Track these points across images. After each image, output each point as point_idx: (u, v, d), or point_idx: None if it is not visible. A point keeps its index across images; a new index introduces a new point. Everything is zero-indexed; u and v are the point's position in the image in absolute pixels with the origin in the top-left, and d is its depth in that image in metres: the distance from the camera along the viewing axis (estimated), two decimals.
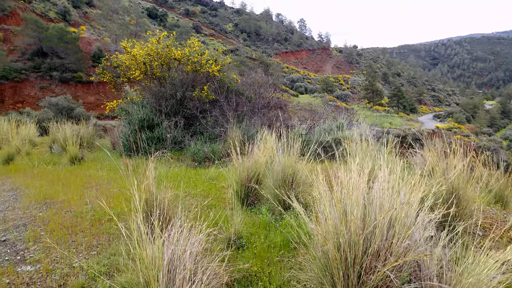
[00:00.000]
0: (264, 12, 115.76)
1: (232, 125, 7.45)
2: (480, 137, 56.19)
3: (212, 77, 8.93)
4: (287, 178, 3.88)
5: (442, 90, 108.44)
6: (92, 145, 9.86)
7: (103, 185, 5.93)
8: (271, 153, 4.59)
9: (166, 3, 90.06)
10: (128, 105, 8.62)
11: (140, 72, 8.44)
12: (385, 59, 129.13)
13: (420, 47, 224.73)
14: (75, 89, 33.68)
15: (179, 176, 5.99)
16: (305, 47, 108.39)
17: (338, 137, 6.45)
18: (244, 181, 4.28)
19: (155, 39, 8.80)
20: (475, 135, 56.24)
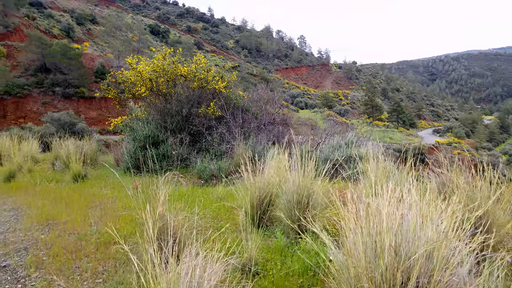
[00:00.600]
0: (265, 29, 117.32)
1: (238, 141, 7.32)
2: (480, 152, 56.13)
3: (218, 94, 8.86)
4: (302, 199, 3.71)
5: (440, 105, 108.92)
6: (96, 162, 9.70)
7: (108, 205, 5.75)
8: (283, 172, 4.42)
9: (168, 20, 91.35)
10: (132, 122, 8.51)
11: (146, 88, 8.37)
12: (384, 74, 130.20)
13: (418, 63, 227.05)
14: (77, 104, 33.77)
15: (186, 195, 5.81)
16: (305, 63, 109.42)
17: (348, 154, 6.30)
18: (256, 202, 4.11)
19: (161, 55, 8.76)
20: (475, 150, 56.17)
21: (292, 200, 3.78)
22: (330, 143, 7.39)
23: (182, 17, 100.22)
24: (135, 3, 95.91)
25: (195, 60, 9.02)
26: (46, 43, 33.59)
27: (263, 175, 4.17)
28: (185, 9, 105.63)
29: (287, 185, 3.95)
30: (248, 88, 11.89)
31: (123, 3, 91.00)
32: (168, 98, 8.58)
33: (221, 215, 4.75)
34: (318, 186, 3.80)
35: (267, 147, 8.03)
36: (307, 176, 3.84)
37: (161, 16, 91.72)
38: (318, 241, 3.69)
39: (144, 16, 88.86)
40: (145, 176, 7.86)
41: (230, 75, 9.35)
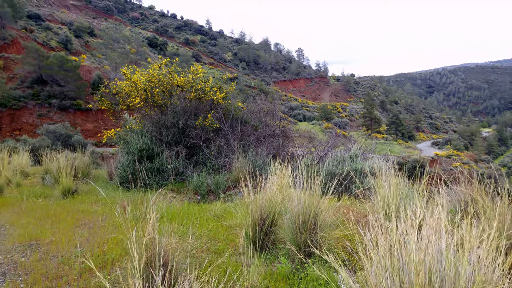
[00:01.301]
0: (263, 41, 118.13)
1: (237, 155, 6.98)
2: (480, 165, 55.90)
3: (216, 105, 8.55)
4: (309, 220, 3.35)
5: (439, 117, 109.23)
6: (88, 176, 9.33)
7: (97, 223, 5.36)
8: (287, 189, 4.08)
9: (166, 33, 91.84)
10: (126, 134, 8.17)
11: (141, 99, 8.06)
12: (382, 87, 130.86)
13: (416, 76, 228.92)
14: (73, 116, 33.48)
15: (181, 212, 5.44)
16: (303, 76, 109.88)
17: (353, 168, 5.97)
18: (257, 222, 3.74)
19: (156, 65, 8.48)
20: (474, 162, 55.94)
21: (297, 220, 3.43)
22: (333, 156, 7.06)
23: (180, 29, 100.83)
24: (134, 16, 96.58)
25: (192, 70, 8.73)
26: (43, 55, 33.45)
27: (264, 192, 3.82)
28: (183, 22, 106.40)
29: (291, 204, 3.60)
30: (246, 100, 11.59)
31: (122, 16, 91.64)
32: (164, 110, 8.26)
33: (219, 235, 4.37)
34: (326, 205, 3.45)
35: (267, 161, 7.70)
36: (313, 193, 3.49)
37: (159, 28, 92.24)
38: (327, 265, 3.33)
39: (142, 28, 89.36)
40: (139, 191, 7.50)
41: (228, 86, 9.06)
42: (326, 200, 3.54)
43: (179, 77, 8.38)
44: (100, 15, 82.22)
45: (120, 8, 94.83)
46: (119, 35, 61.79)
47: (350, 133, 64.72)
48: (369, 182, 5.88)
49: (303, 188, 3.53)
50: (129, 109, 8.79)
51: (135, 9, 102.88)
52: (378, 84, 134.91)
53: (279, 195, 3.80)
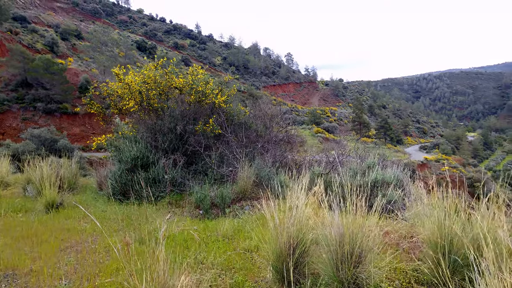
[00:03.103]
0: (252, 46, 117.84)
1: (243, 164, 6.33)
2: (467, 169, 56.36)
3: (217, 109, 7.88)
4: (354, 250, 2.71)
5: (426, 122, 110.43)
6: (75, 186, 8.52)
7: (86, 245, 4.63)
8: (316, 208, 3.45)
9: (155, 37, 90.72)
10: (118, 140, 7.44)
11: (135, 102, 7.34)
12: (370, 92, 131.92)
13: (403, 81, 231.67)
14: (60, 120, 32.34)
15: (185, 232, 4.73)
16: (293, 80, 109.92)
17: (375, 180, 5.39)
18: (284, 250, 3.09)
19: (152, 64, 7.79)
20: (462, 166, 56.37)
21: (338, 250, 2.79)
22: (348, 165, 6.48)
23: (169, 33, 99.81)
24: (122, 19, 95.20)
25: (191, 71, 8.05)
26: (29, 58, 32.29)
27: (292, 214, 3.17)
28: (172, 26, 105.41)
29: (328, 228, 2.96)
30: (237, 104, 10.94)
31: (110, 19, 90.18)
32: (160, 114, 7.56)
33: (234, 263, 3.69)
34: (371, 229, 2.81)
35: (273, 170, 7.05)
36: (357, 216, 2.86)
37: (148, 32, 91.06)
38: None
39: (131, 32, 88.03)
40: (133, 205, 6.76)
41: (230, 89, 8.40)
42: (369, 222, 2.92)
43: (178, 78, 7.69)
44: (88, 18, 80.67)
45: (108, 11, 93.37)
46: (107, 38, 60.55)
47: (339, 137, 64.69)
48: (393, 195, 5.30)
49: (345, 210, 2.89)
50: (121, 113, 8.07)
51: (124, 13, 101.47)
52: (366, 89, 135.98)
53: (312, 218, 3.16)
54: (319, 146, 27.61)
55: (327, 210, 3.14)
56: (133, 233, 4.92)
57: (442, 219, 2.85)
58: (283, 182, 6.06)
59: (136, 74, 7.62)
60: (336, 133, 70.78)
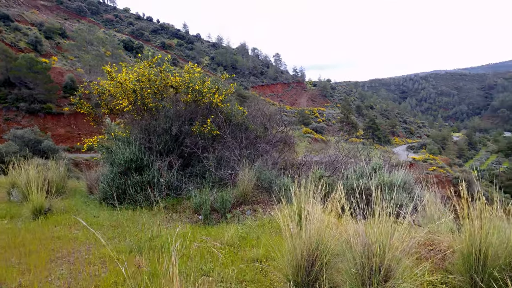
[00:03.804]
0: (240, 46, 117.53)
1: (243, 166, 6.06)
2: (453, 168, 57.26)
3: (215, 109, 7.57)
4: (384, 262, 2.48)
5: (413, 122, 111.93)
6: (63, 189, 8.11)
7: (79, 255, 4.28)
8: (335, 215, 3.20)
9: (142, 36, 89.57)
10: (110, 142, 7.07)
11: (129, 101, 6.98)
12: (357, 92, 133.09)
13: (390, 81, 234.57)
14: (44, 121, 31.50)
15: (188, 241, 4.42)
16: (281, 81, 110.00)
17: (382, 182, 5.19)
18: (302, 262, 2.84)
19: (147, 62, 7.43)
20: (449, 166, 57.25)
21: (364, 263, 2.55)
22: (352, 167, 6.27)
23: (156, 33, 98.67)
24: (108, 18, 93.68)
25: (186, 68, 7.72)
26: (11, 57, 31.39)
27: (310, 224, 2.91)
28: (159, 25, 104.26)
29: (354, 239, 2.71)
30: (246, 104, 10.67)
31: (95, 17, 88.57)
32: (155, 114, 7.21)
33: (245, 275, 3.41)
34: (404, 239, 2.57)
35: (273, 173, 6.80)
36: (386, 225, 2.62)
37: (135, 31, 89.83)
38: None
39: (117, 31, 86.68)
40: (127, 210, 6.42)
41: (227, 88, 8.11)
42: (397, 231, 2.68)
43: (173, 76, 7.36)
44: (72, 16, 79.04)
45: (94, 10, 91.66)
46: (92, 37, 59.42)
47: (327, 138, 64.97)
48: (401, 199, 5.10)
49: (372, 219, 2.65)
50: (112, 113, 7.69)
51: (109, 11, 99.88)
52: (353, 90, 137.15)
53: (331, 225, 2.91)
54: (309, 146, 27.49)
55: (348, 217, 2.91)
56: (130, 241, 4.60)
57: (475, 231, 2.64)
58: (287, 185, 5.82)
59: (129, 72, 7.26)
60: (324, 133, 71.14)
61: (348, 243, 2.81)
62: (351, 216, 2.89)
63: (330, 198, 3.11)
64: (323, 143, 53.70)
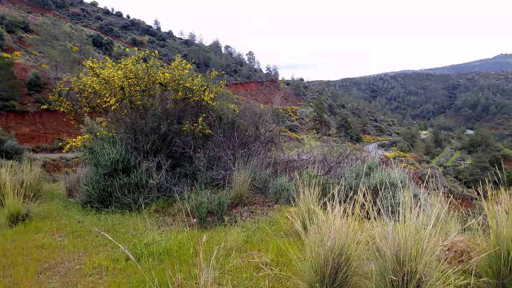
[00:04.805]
0: (213, 43, 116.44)
1: (238, 166, 5.85)
2: (422, 165, 59.47)
3: (205, 107, 7.30)
4: (418, 269, 2.37)
5: (383, 120, 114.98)
6: (39, 193, 7.59)
7: (71, 265, 3.95)
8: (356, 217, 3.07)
9: (111, 32, 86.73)
10: (94, 142, 6.64)
11: (116, 99, 6.57)
12: (330, 91, 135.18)
13: (361, 80, 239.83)
14: (6, 119, 29.75)
15: (189, 246, 4.16)
16: (255, 79, 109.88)
17: (382, 181, 5.15)
18: (327, 269, 2.70)
19: (134, 57, 7.04)
20: (418, 163, 59.38)
21: (396, 269, 2.43)
22: (348, 167, 6.21)
23: (126, 29, 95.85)
24: (74, 12, 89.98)
25: (174, 65, 7.40)
26: None
27: (330, 226, 2.77)
28: (130, 21, 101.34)
29: (383, 244, 2.60)
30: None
31: (60, 11, 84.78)
32: (142, 112, 6.85)
33: (257, 283, 3.22)
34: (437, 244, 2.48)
35: (266, 172, 6.64)
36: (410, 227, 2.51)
37: (104, 27, 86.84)
38: None
39: (85, 26, 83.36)
40: (113, 213, 6.06)
41: (216, 85, 7.85)
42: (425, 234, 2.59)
43: (163, 73, 7.01)
44: (36, 10, 75.27)
45: (59, 3, 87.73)
46: (58, 31, 56.77)
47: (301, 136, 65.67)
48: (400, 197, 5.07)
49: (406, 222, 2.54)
50: (94, 111, 7.26)
51: (76, 5, 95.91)
52: (325, 89, 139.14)
53: (355, 229, 2.77)
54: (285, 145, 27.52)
55: (372, 220, 2.79)
56: (125, 248, 4.30)
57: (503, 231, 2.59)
58: (284, 186, 5.68)
59: (116, 68, 6.85)
60: (298, 132, 71.79)
61: (374, 248, 2.69)
62: (365, 218, 2.77)
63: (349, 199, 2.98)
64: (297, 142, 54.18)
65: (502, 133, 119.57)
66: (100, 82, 6.73)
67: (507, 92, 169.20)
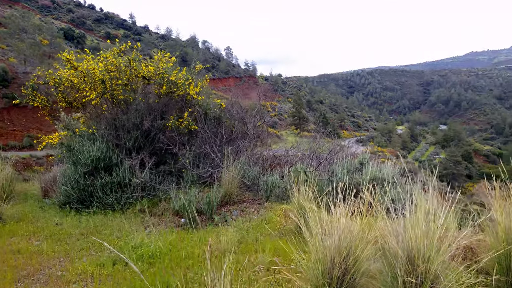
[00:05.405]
0: (191, 38, 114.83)
1: (227, 163, 5.64)
2: (400, 160, 60.86)
3: (190, 101, 7.02)
4: (431, 270, 2.26)
5: (360, 116, 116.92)
6: (12, 194, 7.12)
7: (51, 271, 3.65)
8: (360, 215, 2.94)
9: (84, 25, 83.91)
10: (72, 139, 6.25)
11: (96, 94, 6.19)
12: (308, 87, 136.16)
13: (338, 76, 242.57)
14: None
15: (181, 248, 3.93)
16: (233, 75, 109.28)
17: (373, 177, 5.08)
18: (334, 271, 2.55)
19: (116, 49, 6.66)
20: (396, 158, 60.74)
21: (408, 270, 2.31)
22: (338, 163, 6.11)
23: (100, 22, 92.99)
24: (44, 4, 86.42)
25: (157, 58, 7.06)
26: None
27: (339, 227, 2.62)
28: (103, 14, 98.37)
29: (393, 244, 2.47)
30: None
31: (29, 3, 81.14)
32: (124, 107, 6.51)
33: (259, 286, 3.04)
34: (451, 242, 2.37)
35: (255, 169, 6.47)
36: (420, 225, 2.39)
37: (76, 20, 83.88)
38: None
39: (55, 18, 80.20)
40: (96, 214, 5.74)
41: (202, 79, 7.57)
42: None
43: (146, 66, 6.66)
44: (4, 2, 71.78)
45: None
46: (27, 23, 54.40)
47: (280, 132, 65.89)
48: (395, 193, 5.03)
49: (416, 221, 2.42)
50: (71, 106, 6.84)
51: None
52: (304, 84, 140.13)
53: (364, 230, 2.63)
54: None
55: (381, 218, 2.67)
56: (111, 251, 4.03)
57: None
58: (275, 183, 5.52)
59: (96, 61, 6.45)
60: (277, 127, 71.94)
61: (383, 247, 2.57)
62: (370, 216, 2.65)
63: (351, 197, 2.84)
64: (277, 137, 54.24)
65: (473, 128, 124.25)
66: (78, 76, 6.35)
67: (478, 88, 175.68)
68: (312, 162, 6.80)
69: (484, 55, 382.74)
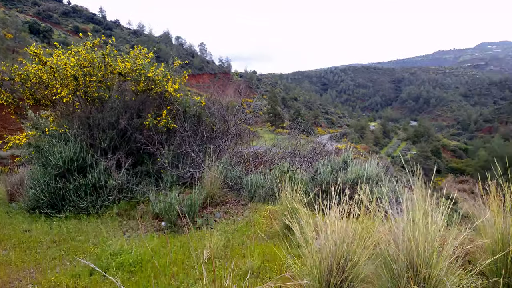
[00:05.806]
0: (164, 34, 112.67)
1: (210, 163, 5.44)
2: (373, 155, 62.36)
3: (168, 99, 6.74)
4: (434, 274, 2.18)
5: (334, 113, 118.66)
6: None
7: (23, 285, 3.35)
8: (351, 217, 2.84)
9: (50, 18, 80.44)
10: (41, 139, 5.85)
11: (68, 91, 5.80)
12: (282, 84, 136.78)
13: (312, 74, 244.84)
14: None
15: (163, 255, 3.71)
16: (207, 71, 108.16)
17: (358, 176, 5.03)
18: (332, 278, 2.44)
19: (89, 43, 6.27)
20: (369, 153, 62.12)
21: (409, 274, 2.23)
22: (321, 161, 6.04)
23: (68, 16, 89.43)
24: None
25: (134, 53, 6.72)
26: None
27: (334, 232, 2.51)
28: (71, 7, 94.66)
29: (392, 246, 2.38)
30: None
31: None
32: (98, 105, 6.15)
33: None
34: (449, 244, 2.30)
35: (236, 168, 6.29)
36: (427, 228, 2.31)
37: (42, 13, 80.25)
38: None
39: (20, 11, 76.43)
40: (69, 219, 5.41)
41: (180, 75, 7.29)
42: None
43: (122, 62, 6.31)
44: None
45: None
46: None
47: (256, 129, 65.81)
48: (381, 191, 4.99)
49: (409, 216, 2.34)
50: (39, 104, 6.41)
51: None
52: (278, 81, 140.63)
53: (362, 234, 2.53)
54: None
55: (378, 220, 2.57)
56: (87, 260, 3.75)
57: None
58: (259, 183, 5.37)
59: (67, 55, 6.05)
60: (252, 124, 71.64)
61: (382, 251, 2.47)
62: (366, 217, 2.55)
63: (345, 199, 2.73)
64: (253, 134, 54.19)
65: (441, 124, 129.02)
66: (47, 71, 5.94)
67: (445, 86, 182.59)
68: (294, 160, 6.72)
69: (450, 54, 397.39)
